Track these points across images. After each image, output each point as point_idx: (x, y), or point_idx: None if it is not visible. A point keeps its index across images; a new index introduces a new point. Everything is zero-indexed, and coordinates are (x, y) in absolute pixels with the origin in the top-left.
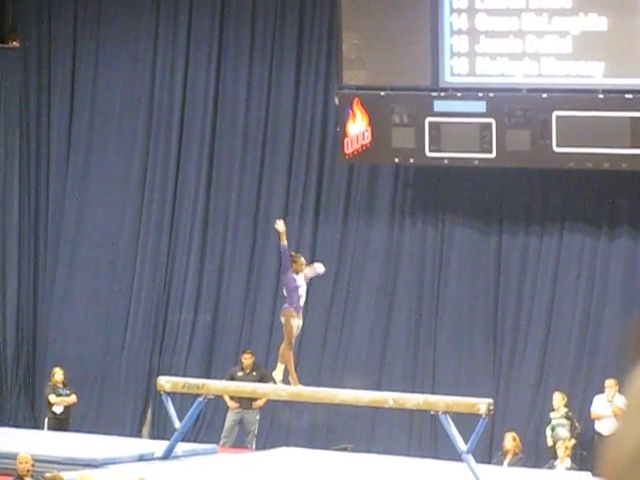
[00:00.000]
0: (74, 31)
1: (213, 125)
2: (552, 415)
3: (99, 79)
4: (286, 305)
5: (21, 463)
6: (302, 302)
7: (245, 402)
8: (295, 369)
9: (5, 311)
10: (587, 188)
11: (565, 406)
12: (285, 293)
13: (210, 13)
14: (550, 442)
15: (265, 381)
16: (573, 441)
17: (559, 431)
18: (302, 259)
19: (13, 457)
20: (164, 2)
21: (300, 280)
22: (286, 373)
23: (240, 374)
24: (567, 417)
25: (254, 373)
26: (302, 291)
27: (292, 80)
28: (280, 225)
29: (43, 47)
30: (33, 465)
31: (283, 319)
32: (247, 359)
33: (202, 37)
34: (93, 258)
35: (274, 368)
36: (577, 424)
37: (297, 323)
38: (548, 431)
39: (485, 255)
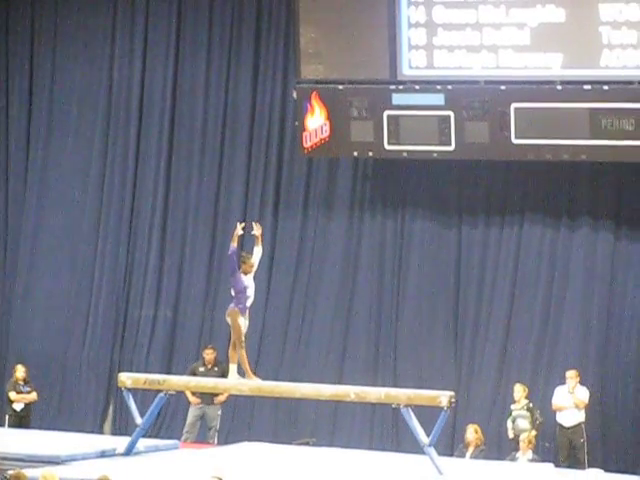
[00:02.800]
0: (31, 25)
1: (171, 120)
2: (513, 407)
3: (57, 74)
4: (232, 305)
5: None
6: (249, 303)
7: (207, 397)
8: (250, 364)
9: None
10: (546, 180)
11: (526, 398)
12: (233, 293)
13: (167, 7)
14: (511, 434)
15: (227, 376)
16: (534, 432)
17: (519, 423)
18: (252, 260)
19: None
20: None
21: (248, 281)
22: (241, 373)
23: (202, 369)
24: (528, 409)
25: (216, 368)
26: (250, 292)
27: (250, 74)
28: (238, 229)
29: (0, 42)
30: None
31: (229, 319)
32: (209, 354)
33: (159, 31)
34: (53, 255)
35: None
36: (538, 416)
37: (243, 322)
38: (509, 423)
39: (445, 248)
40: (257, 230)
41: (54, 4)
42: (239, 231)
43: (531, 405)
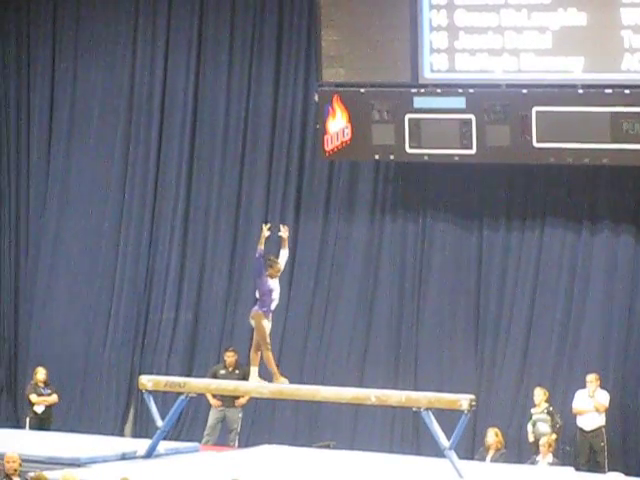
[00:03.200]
0: (53, 30)
1: (193, 124)
2: (533, 411)
3: (78, 79)
4: (256, 308)
5: (8, 462)
6: (274, 306)
7: (227, 400)
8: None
9: None
10: (568, 183)
11: (546, 401)
12: (257, 295)
13: (189, 11)
14: (531, 438)
15: (247, 379)
16: (554, 436)
17: (540, 426)
18: (279, 265)
19: None
20: (143, 0)
21: (274, 284)
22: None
23: (223, 372)
24: (548, 412)
25: (237, 371)
26: (275, 295)
27: (272, 78)
28: (264, 231)
29: (22, 47)
30: (20, 465)
31: (253, 322)
32: (230, 357)
33: (181, 35)
34: (74, 258)
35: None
36: (558, 419)
37: (267, 325)
38: (529, 427)
39: (466, 251)
40: (284, 232)
41: (75, 9)
42: (265, 233)
43: (551, 409)
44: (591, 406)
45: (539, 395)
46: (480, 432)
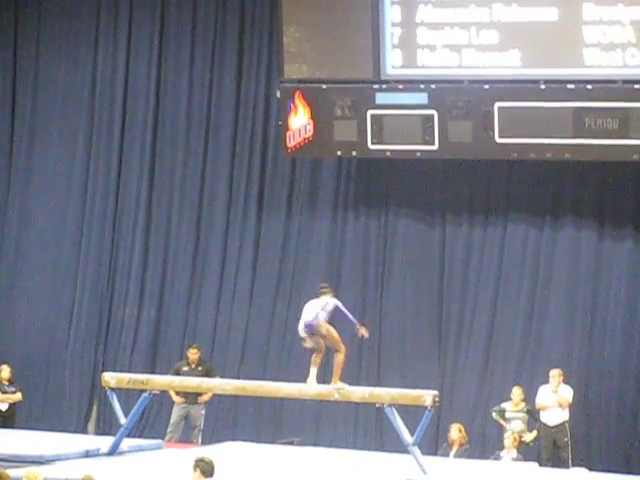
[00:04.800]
0: (15, 28)
1: (155, 118)
2: (505, 406)
3: (40, 75)
4: (320, 319)
5: None
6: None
7: (191, 397)
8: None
9: None
10: (530, 179)
11: (523, 400)
12: (327, 317)
13: (151, 7)
14: (504, 425)
15: (210, 376)
16: (535, 433)
17: (514, 424)
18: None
19: None
20: None
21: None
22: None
23: (186, 369)
24: (527, 412)
25: (199, 368)
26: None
27: (234, 74)
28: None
29: None
30: None
31: (324, 330)
32: (193, 354)
33: (143, 31)
34: (37, 254)
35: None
36: (537, 418)
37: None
38: (494, 415)
39: (429, 247)
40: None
41: (37, 5)
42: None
43: (529, 407)
44: (554, 401)
45: (518, 394)
46: (443, 428)
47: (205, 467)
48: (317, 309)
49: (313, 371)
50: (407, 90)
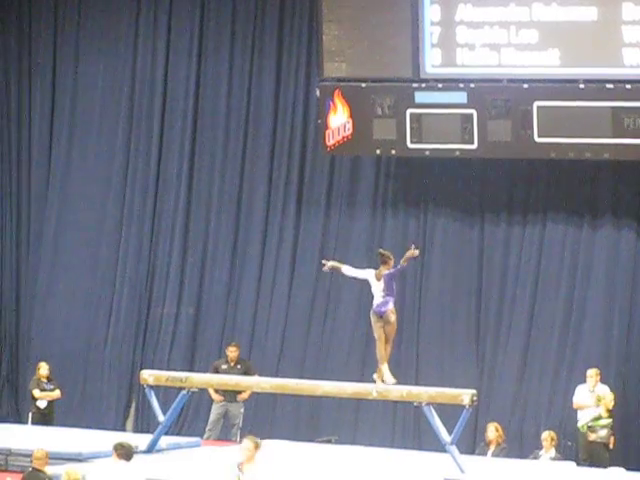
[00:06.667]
0: (54, 27)
1: (194, 118)
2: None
3: (79, 74)
4: (390, 306)
5: (40, 459)
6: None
7: (229, 395)
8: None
9: None
10: (569, 178)
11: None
12: (382, 295)
13: (190, 7)
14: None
15: (249, 374)
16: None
17: (601, 432)
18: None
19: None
20: None
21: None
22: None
23: (224, 367)
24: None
25: (239, 366)
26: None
27: (273, 72)
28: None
29: (23, 46)
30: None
31: (393, 317)
32: (232, 352)
33: (183, 29)
34: (75, 252)
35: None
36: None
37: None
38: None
39: (467, 246)
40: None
41: (77, 4)
42: (415, 252)
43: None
44: (592, 401)
45: (610, 399)
46: (481, 427)
47: (123, 452)
48: (380, 291)
49: (386, 367)
50: (446, 89)
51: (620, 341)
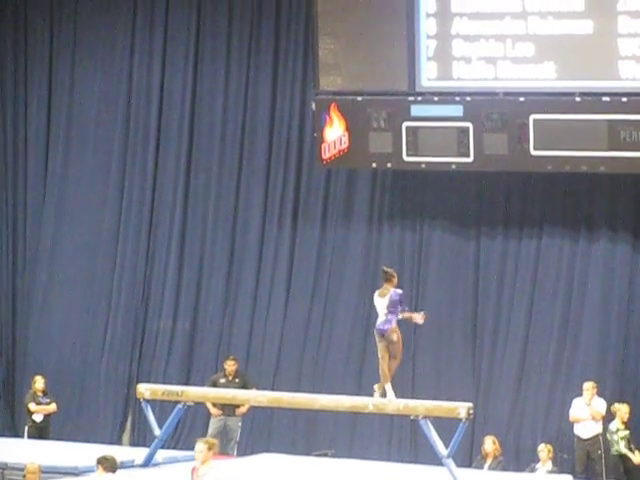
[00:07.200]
0: (50, 38)
1: (190, 131)
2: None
3: (75, 86)
4: (394, 324)
5: (33, 473)
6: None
7: (228, 409)
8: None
9: None
10: (565, 191)
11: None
12: (385, 313)
13: (186, 18)
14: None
15: (247, 388)
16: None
17: (622, 445)
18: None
19: None
20: (140, 7)
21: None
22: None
23: (223, 381)
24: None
25: (237, 380)
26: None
27: (269, 86)
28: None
29: (19, 53)
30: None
31: (395, 336)
32: (230, 365)
33: (178, 42)
34: (71, 266)
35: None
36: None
37: None
38: (619, 442)
39: (464, 259)
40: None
41: (73, 15)
42: (419, 322)
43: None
44: (588, 414)
45: (625, 412)
46: (478, 440)
47: (108, 465)
48: (384, 309)
49: (389, 386)
50: (442, 102)
51: (616, 354)
